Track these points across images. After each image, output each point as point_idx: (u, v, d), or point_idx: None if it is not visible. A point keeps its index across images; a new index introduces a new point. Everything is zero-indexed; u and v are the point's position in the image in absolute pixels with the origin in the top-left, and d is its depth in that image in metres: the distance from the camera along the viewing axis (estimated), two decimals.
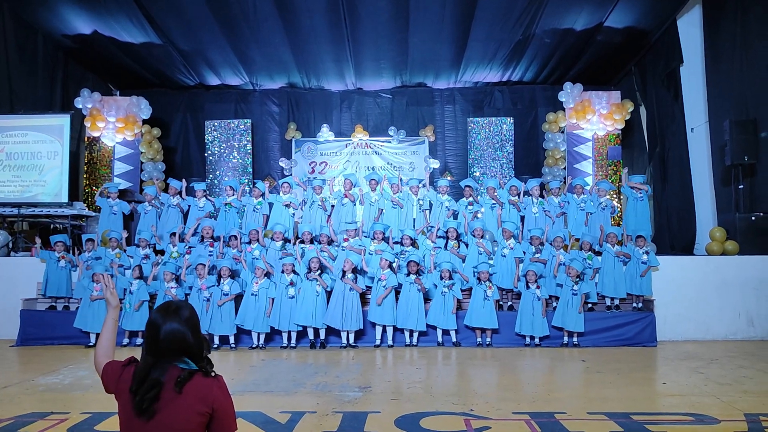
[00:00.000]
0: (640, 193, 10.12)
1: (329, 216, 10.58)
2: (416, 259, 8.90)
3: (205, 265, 8.83)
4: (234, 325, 8.72)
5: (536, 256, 9.30)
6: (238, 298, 8.87)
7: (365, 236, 9.81)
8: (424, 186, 10.95)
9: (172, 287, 8.77)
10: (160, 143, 14.12)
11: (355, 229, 9.75)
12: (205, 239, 9.70)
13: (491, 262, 9.30)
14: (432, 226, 9.93)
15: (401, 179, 11.29)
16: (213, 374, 2.15)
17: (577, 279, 8.67)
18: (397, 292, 8.91)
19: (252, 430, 4.67)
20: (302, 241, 9.58)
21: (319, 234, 9.75)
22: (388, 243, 9.54)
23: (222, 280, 8.74)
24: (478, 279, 8.79)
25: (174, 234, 9.89)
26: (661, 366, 7.59)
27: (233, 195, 10.68)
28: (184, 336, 2.05)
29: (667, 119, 12.63)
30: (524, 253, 9.37)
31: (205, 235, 9.71)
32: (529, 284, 8.73)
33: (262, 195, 10.61)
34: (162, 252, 10.03)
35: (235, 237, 9.56)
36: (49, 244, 9.89)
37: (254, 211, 10.50)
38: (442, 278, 8.78)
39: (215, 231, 9.87)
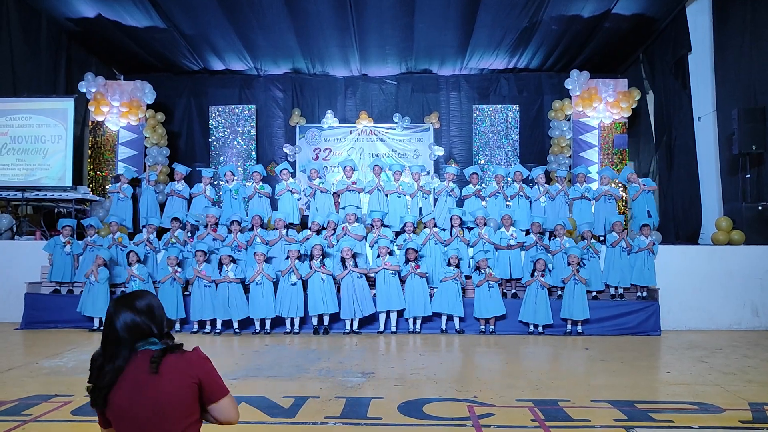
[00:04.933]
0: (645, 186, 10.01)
1: (336, 203, 10.52)
2: (414, 246, 8.88)
3: (204, 252, 8.82)
4: (245, 310, 8.71)
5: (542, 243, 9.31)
6: (246, 288, 8.86)
7: (362, 224, 9.77)
8: (427, 173, 10.86)
9: (177, 271, 8.78)
10: (164, 128, 14.08)
11: (355, 214, 9.70)
12: (209, 226, 9.68)
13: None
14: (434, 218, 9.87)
15: (405, 166, 11.19)
16: (180, 348, 2.09)
17: (579, 267, 8.66)
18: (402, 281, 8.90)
19: (256, 414, 4.68)
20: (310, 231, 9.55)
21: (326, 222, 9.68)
22: (388, 230, 9.51)
23: (225, 267, 8.73)
24: (477, 268, 8.77)
25: (176, 219, 9.86)
26: (665, 355, 7.58)
27: (234, 180, 10.61)
28: (138, 323, 2.04)
29: (674, 108, 12.53)
30: (523, 244, 9.37)
31: (208, 223, 9.69)
32: (536, 272, 8.70)
33: (263, 179, 10.57)
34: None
35: (238, 223, 9.53)
36: (52, 229, 9.86)
37: (259, 197, 10.43)
38: (449, 264, 8.76)
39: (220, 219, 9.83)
